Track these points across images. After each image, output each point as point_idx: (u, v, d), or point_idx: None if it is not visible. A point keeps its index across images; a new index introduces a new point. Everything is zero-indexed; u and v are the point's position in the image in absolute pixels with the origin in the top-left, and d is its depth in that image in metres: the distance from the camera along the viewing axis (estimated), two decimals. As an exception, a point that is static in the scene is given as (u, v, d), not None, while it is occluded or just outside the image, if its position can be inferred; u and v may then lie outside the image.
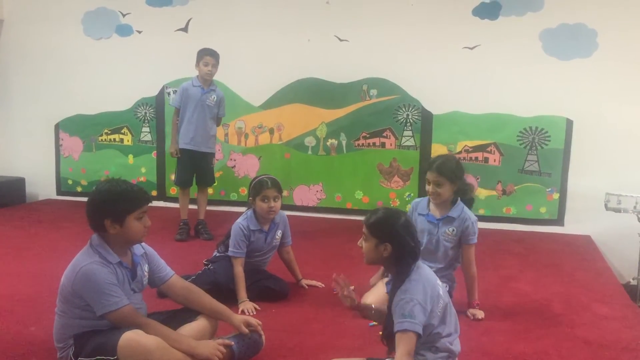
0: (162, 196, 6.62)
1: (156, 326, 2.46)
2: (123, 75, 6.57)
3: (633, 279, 4.92)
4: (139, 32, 6.53)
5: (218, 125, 5.43)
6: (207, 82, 5.16)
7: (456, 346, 2.47)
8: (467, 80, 5.74)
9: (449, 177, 3.30)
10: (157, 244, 4.81)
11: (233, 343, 2.58)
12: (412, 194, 6.00)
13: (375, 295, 3.39)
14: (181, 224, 5.24)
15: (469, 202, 3.48)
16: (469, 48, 5.73)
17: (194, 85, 5.17)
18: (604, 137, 5.48)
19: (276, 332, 2.96)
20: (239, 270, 3.53)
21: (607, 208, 4.87)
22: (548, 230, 5.66)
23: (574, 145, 5.58)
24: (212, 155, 5.38)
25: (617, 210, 4.80)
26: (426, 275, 2.42)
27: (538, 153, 5.66)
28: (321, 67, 6.07)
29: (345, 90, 6.06)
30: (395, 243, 2.39)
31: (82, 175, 6.88)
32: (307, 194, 6.25)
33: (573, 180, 5.62)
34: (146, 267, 2.66)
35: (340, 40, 6.02)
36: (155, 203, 6.57)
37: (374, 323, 3.22)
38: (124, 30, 6.56)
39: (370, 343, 2.93)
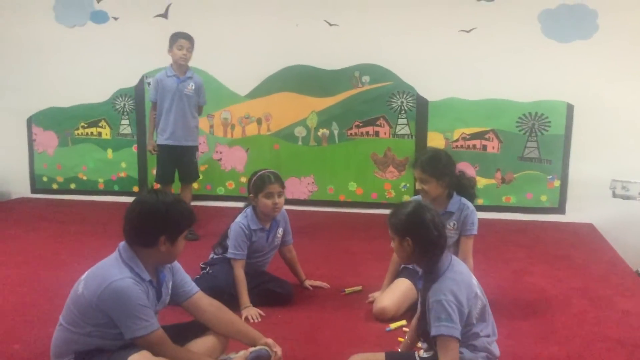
0: (141, 192, 6.27)
1: (188, 354, 2.27)
2: (99, 65, 6.21)
3: (641, 268, 4.77)
4: (115, 18, 6.17)
5: (200, 114, 5.11)
6: (182, 69, 4.84)
7: (495, 349, 2.31)
8: (464, 65, 5.52)
9: (434, 174, 3.09)
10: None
11: None
12: (407, 185, 5.77)
13: (390, 297, 3.17)
14: (165, 224, 4.92)
15: (470, 198, 3.27)
16: (465, 31, 5.50)
17: (169, 75, 4.85)
18: (605, 121, 5.31)
19: (286, 342, 2.68)
20: (240, 273, 3.27)
21: (614, 195, 4.69)
22: (549, 219, 5.50)
23: (575, 130, 5.41)
24: (195, 148, 5.06)
25: (625, 198, 4.63)
26: (462, 274, 2.24)
27: (538, 139, 5.47)
28: (310, 54, 5.79)
29: (336, 77, 5.79)
30: (413, 236, 2.23)
31: (58, 172, 6.51)
32: (298, 187, 5.98)
33: (574, 166, 5.45)
34: (170, 284, 2.39)
35: (330, 24, 5.74)
36: (135, 199, 6.35)
37: (391, 328, 3.00)
38: (99, 17, 6.20)
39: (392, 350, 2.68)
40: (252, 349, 2.38)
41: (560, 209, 5.52)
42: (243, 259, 3.32)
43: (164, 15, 6.02)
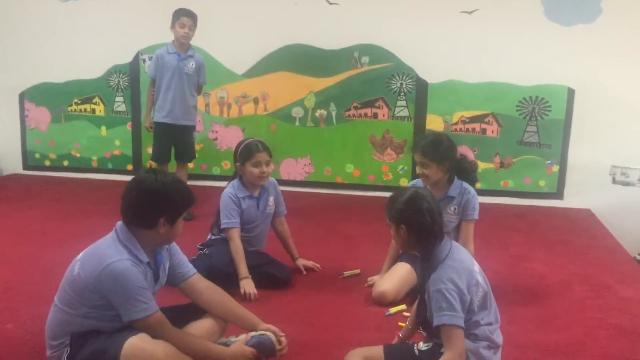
0: (139, 170, 6.18)
1: (188, 337, 2.20)
2: (93, 41, 6.07)
3: (639, 254, 4.75)
4: (111, -7, 6.03)
5: (199, 94, 5.03)
6: (184, 47, 4.74)
7: (498, 337, 2.26)
8: (465, 47, 5.44)
9: (435, 158, 3.04)
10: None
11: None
12: (405, 168, 5.72)
13: (390, 281, 3.13)
14: (160, 203, 4.86)
15: (472, 182, 3.23)
16: (467, 12, 5.42)
17: (170, 52, 4.75)
18: (606, 106, 5.26)
19: (285, 325, 2.62)
20: (237, 243, 3.22)
21: (614, 181, 4.67)
22: (547, 204, 5.47)
23: (575, 115, 5.36)
24: (193, 128, 4.98)
25: (625, 184, 4.61)
26: (462, 262, 2.19)
27: (538, 124, 5.43)
28: (309, 33, 5.68)
29: (335, 57, 5.69)
30: (407, 223, 2.19)
31: (51, 149, 6.41)
32: (294, 168, 5.92)
33: (573, 152, 5.41)
34: (167, 265, 2.33)
35: (330, 3, 5.64)
36: (131, 177, 6.23)
37: (391, 312, 2.97)
38: (94, -9, 6.05)
39: (391, 335, 2.65)
40: (253, 333, 2.33)
41: (558, 194, 5.49)
42: (237, 227, 3.26)
43: (161, -10, 5.88)
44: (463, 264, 2.19)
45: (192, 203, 2.27)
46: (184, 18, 4.62)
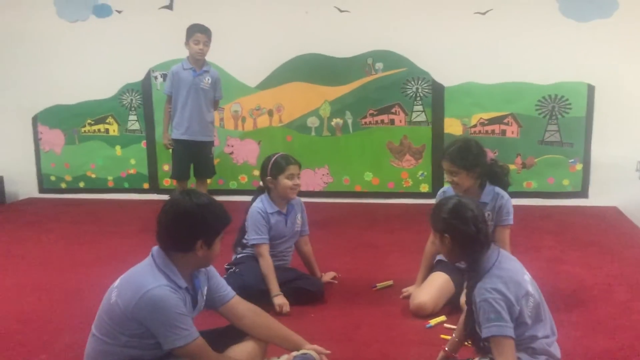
0: (155, 188, 6.17)
1: None
2: (104, 60, 6.04)
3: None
4: (119, 12, 5.99)
5: (215, 109, 4.99)
6: (199, 63, 4.70)
7: (556, 350, 2.18)
8: (480, 48, 5.36)
9: (464, 165, 2.97)
10: (155, 243, 4.43)
11: None
12: (425, 173, 5.65)
13: (428, 292, 3.04)
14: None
15: (504, 186, 3.16)
16: (481, 13, 5.35)
17: (185, 68, 4.70)
18: (627, 102, 5.18)
19: (324, 343, 2.53)
20: (267, 259, 3.17)
21: (643, 177, 4.57)
22: (572, 203, 5.38)
23: (596, 112, 5.28)
24: (211, 143, 4.93)
25: (655, 179, 4.51)
26: (509, 271, 2.13)
27: (559, 122, 5.34)
28: (321, 42, 5.63)
29: (349, 65, 5.63)
30: (451, 232, 2.16)
31: (66, 171, 6.37)
32: (312, 179, 5.85)
33: (596, 149, 5.32)
34: (205, 290, 2.26)
35: (341, 11, 5.58)
36: (148, 196, 6.25)
37: (431, 324, 2.88)
38: (102, 11, 6.01)
39: (436, 348, 2.57)
40: (295, 353, 2.27)
41: (583, 192, 5.40)
42: (267, 243, 3.22)
43: (169, 6, 5.86)
44: (511, 273, 2.12)
45: (229, 222, 2.21)
46: (198, 34, 4.58)
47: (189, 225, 2.09)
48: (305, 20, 5.63)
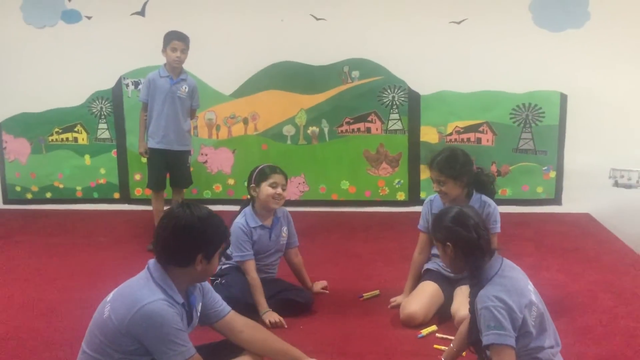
0: (126, 198, 6.00)
1: None
2: (73, 67, 5.85)
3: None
4: (89, 17, 5.82)
5: (192, 118, 4.90)
6: (176, 71, 4.60)
7: None
8: (455, 57, 5.40)
9: (452, 174, 3.00)
10: (131, 255, 4.37)
11: None
12: (402, 181, 5.64)
13: (418, 302, 3.02)
14: (156, 231, 4.68)
15: (491, 194, 3.19)
16: (456, 23, 5.39)
17: (162, 76, 4.60)
18: (599, 110, 5.26)
19: (317, 355, 2.49)
20: (253, 276, 3.10)
21: (617, 185, 4.66)
22: (545, 210, 5.45)
23: (569, 120, 5.36)
24: (188, 153, 4.83)
25: (628, 187, 4.60)
26: (512, 279, 2.13)
27: (532, 130, 5.41)
28: (297, 49, 5.57)
29: (325, 73, 5.60)
30: (453, 240, 2.17)
31: (32, 181, 6.15)
32: (288, 187, 5.65)
33: (569, 157, 5.40)
34: (200, 306, 2.18)
35: (317, 19, 5.55)
36: (119, 206, 6.09)
37: (423, 334, 2.86)
38: (71, 16, 5.83)
39: (431, 359, 2.54)
40: None
41: (556, 199, 5.47)
42: (252, 259, 3.15)
43: (141, 12, 5.73)
44: (513, 281, 2.11)
45: (228, 236, 2.16)
46: (176, 41, 4.48)
47: (190, 239, 2.02)
48: (280, 28, 5.58)
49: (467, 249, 2.14)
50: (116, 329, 1.96)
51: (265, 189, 3.17)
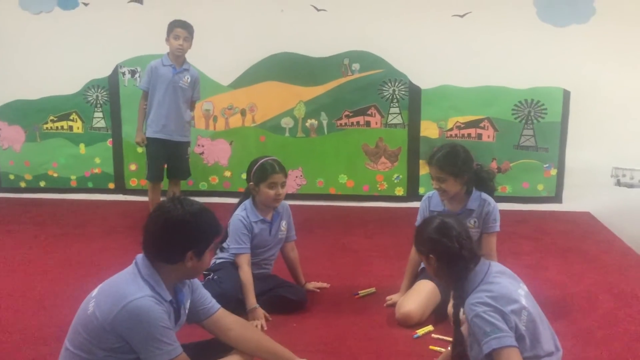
0: (121, 189, 5.92)
1: None
2: (69, 55, 5.75)
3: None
4: (85, 4, 5.72)
5: (192, 109, 4.85)
6: (179, 60, 4.53)
7: None
8: (457, 51, 5.31)
9: (452, 171, 2.93)
10: (124, 247, 4.29)
11: None
12: (400, 176, 5.57)
13: (414, 301, 2.95)
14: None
15: (490, 192, 3.12)
16: (459, 16, 5.30)
17: (165, 65, 4.53)
18: (602, 107, 5.18)
19: (310, 355, 2.43)
20: (245, 270, 3.02)
21: (619, 184, 4.59)
22: (546, 208, 5.37)
23: (571, 117, 5.28)
24: (187, 144, 4.78)
25: (630, 186, 4.53)
26: (499, 285, 2.07)
27: (534, 127, 5.33)
28: (297, 41, 5.48)
29: (325, 65, 5.50)
30: (435, 252, 2.14)
31: (26, 169, 6.07)
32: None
33: (571, 154, 5.32)
34: (188, 304, 2.10)
35: (318, 9, 5.46)
36: (113, 197, 6.01)
37: (418, 334, 2.79)
38: (68, 3, 5.72)
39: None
40: None
41: (557, 197, 5.40)
42: (247, 253, 3.08)
43: (139, 0, 5.64)
44: (499, 287, 2.05)
45: (220, 232, 2.09)
46: (178, 29, 4.42)
47: (181, 235, 1.95)
48: (280, 19, 5.48)
49: (450, 261, 2.11)
50: (100, 325, 1.89)
51: (264, 191, 3.09)
